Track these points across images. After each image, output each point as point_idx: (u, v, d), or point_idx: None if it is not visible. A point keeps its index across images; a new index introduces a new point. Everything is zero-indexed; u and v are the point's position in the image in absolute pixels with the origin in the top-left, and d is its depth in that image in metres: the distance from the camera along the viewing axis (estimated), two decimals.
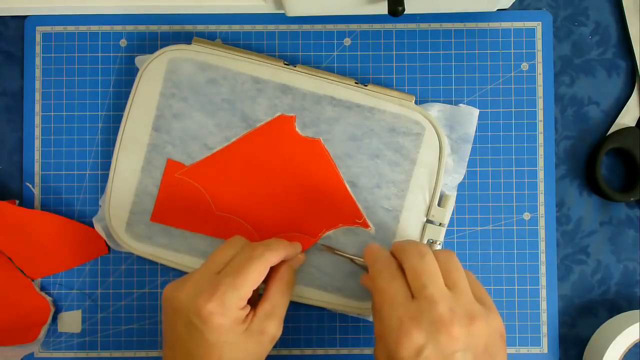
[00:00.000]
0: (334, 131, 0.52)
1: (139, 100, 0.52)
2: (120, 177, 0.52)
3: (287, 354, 0.54)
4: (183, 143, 0.52)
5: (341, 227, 0.52)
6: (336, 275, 0.52)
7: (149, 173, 0.52)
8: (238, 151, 0.52)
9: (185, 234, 0.52)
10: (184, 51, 0.52)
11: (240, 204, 0.52)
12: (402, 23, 0.54)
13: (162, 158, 0.52)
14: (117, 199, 0.52)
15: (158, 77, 0.52)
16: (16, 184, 0.55)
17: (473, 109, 0.53)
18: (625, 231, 0.54)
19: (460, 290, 0.43)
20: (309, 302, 0.52)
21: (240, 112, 0.52)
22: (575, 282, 0.54)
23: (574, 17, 0.55)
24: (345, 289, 0.52)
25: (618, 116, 0.54)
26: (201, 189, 0.52)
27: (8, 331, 0.53)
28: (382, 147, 0.52)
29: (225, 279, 0.44)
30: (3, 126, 0.55)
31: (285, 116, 0.52)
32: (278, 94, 0.52)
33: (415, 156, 0.51)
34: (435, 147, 0.51)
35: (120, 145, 0.52)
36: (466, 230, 0.54)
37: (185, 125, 0.52)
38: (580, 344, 0.54)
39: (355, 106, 0.51)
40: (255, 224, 0.52)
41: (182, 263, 0.52)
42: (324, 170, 0.52)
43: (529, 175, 0.54)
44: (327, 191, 0.52)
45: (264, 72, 0.51)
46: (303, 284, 0.52)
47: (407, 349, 0.41)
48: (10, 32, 0.55)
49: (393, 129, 0.51)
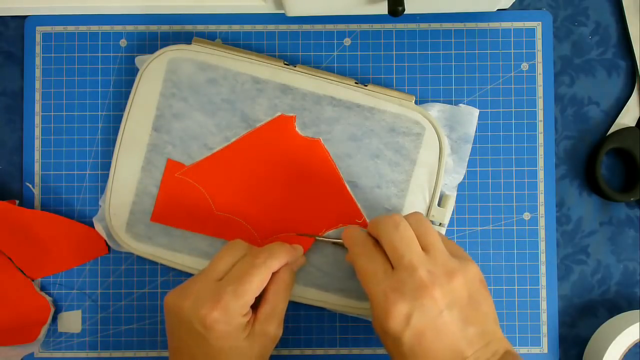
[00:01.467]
0: (334, 131, 0.52)
1: (139, 101, 0.52)
2: (120, 177, 0.52)
3: (287, 354, 0.54)
4: (183, 143, 0.52)
5: (341, 227, 0.52)
6: (337, 276, 0.52)
7: (149, 173, 0.52)
8: (238, 151, 0.52)
9: (186, 234, 0.52)
10: (184, 51, 0.52)
11: (240, 204, 0.52)
12: (402, 23, 0.54)
13: (162, 158, 0.52)
14: (117, 198, 0.52)
15: (158, 77, 0.52)
16: (16, 184, 0.55)
17: (473, 109, 0.53)
18: (625, 231, 0.54)
19: (436, 250, 0.45)
20: (309, 302, 0.52)
21: (240, 112, 0.52)
22: (575, 282, 0.54)
23: (574, 17, 0.55)
24: (346, 290, 0.52)
25: (618, 116, 0.54)
26: (201, 189, 0.52)
27: (8, 331, 0.53)
28: (382, 147, 0.52)
29: (227, 287, 0.44)
30: (3, 126, 0.55)
31: (285, 116, 0.52)
32: (278, 94, 0.51)
33: (415, 156, 0.51)
34: (435, 147, 0.51)
35: (121, 145, 0.52)
36: (466, 230, 0.54)
37: (185, 125, 0.52)
38: (580, 344, 0.54)
39: (355, 106, 0.51)
40: (255, 224, 0.52)
41: (182, 263, 0.52)
42: (324, 170, 0.52)
43: (529, 175, 0.54)
44: (327, 191, 0.52)
45: (264, 72, 0.52)
46: (303, 283, 0.52)
47: (396, 320, 0.43)
48: (10, 32, 0.55)
49: (393, 129, 0.51)
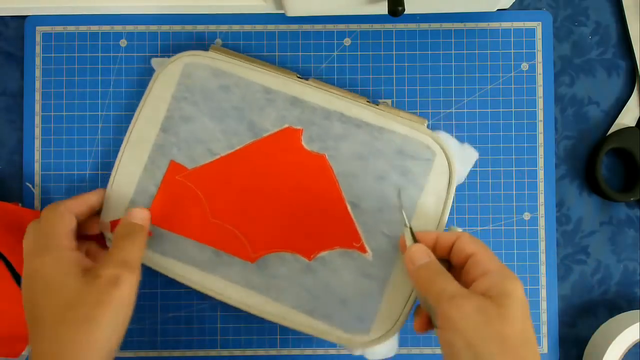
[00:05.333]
0: (340, 148, 0.50)
1: (151, 101, 0.51)
2: (123, 172, 0.51)
3: (287, 354, 0.54)
4: (188, 146, 0.51)
5: (337, 249, 0.50)
6: (327, 301, 0.49)
7: (151, 173, 0.52)
8: (241, 159, 0.51)
9: (176, 239, 0.51)
10: (201, 57, 0.51)
11: (237, 213, 0.51)
12: (402, 23, 0.54)
13: (166, 159, 0.51)
14: (117, 193, 0.51)
15: (172, 80, 0.51)
16: (16, 184, 0.55)
17: (473, 151, 0.53)
18: (625, 231, 0.54)
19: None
20: (291, 325, 0.49)
21: (247, 121, 0.51)
22: (575, 282, 0.54)
23: (574, 17, 0.55)
24: (334, 317, 0.49)
25: (618, 116, 0.54)
26: (200, 194, 0.51)
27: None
28: (389, 169, 0.50)
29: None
30: (3, 126, 0.55)
31: (293, 128, 0.51)
32: (287, 106, 0.51)
33: (423, 182, 0.49)
34: (445, 174, 0.49)
35: (128, 142, 0.52)
36: (466, 230, 0.54)
37: (193, 129, 0.51)
38: (580, 344, 0.54)
39: (365, 124, 0.50)
40: (249, 235, 0.50)
41: (167, 267, 0.51)
42: (326, 187, 0.50)
43: (529, 175, 0.54)
44: (327, 210, 0.50)
45: (276, 83, 0.51)
46: (289, 305, 0.50)
47: (516, 293, 0.41)
48: (10, 32, 0.55)
49: (401, 151, 0.50)
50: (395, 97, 0.54)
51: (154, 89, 0.52)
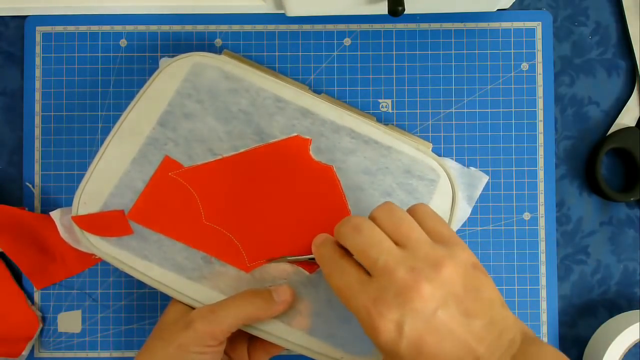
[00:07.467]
0: (348, 161, 0.49)
1: (151, 94, 0.50)
2: (104, 166, 0.49)
3: (287, 354, 0.54)
4: (187, 143, 0.50)
5: None
6: (330, 319, 0.47)
7: (139, 166, 0.49)
8: (244, 163, 0.49)
9: (162, 241, 0.48)
10: (212, 59, 0.50)
11: (233, 217, 0.48)
12: (402, 23, 0.54)
13: (159, 154, 0.49)
14: (93, 186, 0.48)
15: (178, 75, 0.50)
16: (16, 184, 0.55)
17: (483, 175, 0.53)
18: (625, 231, 0.54)
19: (414, 241, 0.39)
20: (285, 345, 0.47)
21: (255, 125, 0.50)
22: (575, 282, 0.54)
23: (574, 17, 0.55)
24: (337, 337, 0.47)
25: (618, 116, 0.54)
26: (194, 194, 0.49)
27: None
28: (395, 186, 0.49)
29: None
30: (3, 126, 0.55)
31: (302, 137, 0.50)
32: (298, 116, 0.50)
33: (428, 201, 0.49)
34: (449, 196, 0.49)
35: (116, 133, 0.49)
36: (466, 230, 0.54)
37: (194, 127, 0.50)
38: (580, 344, 0.54)
39: (373, 142, 0.50)
40: (246, 242, 0.48)
41: (147, 274, 0.48)
42: (332, 199, 0.49)
43: (529, 175, 0.54)
44: (332, 221, 0.46)
45: (287, 93, 0.50)
46: (287, 322, 0.47)
47: (386, 333, 0.37)
48: (10, 32, 0.55)
49: (408, 170, 0.50)
50: (395, 97, 0.54)
51: (155, 82, 0.50)
